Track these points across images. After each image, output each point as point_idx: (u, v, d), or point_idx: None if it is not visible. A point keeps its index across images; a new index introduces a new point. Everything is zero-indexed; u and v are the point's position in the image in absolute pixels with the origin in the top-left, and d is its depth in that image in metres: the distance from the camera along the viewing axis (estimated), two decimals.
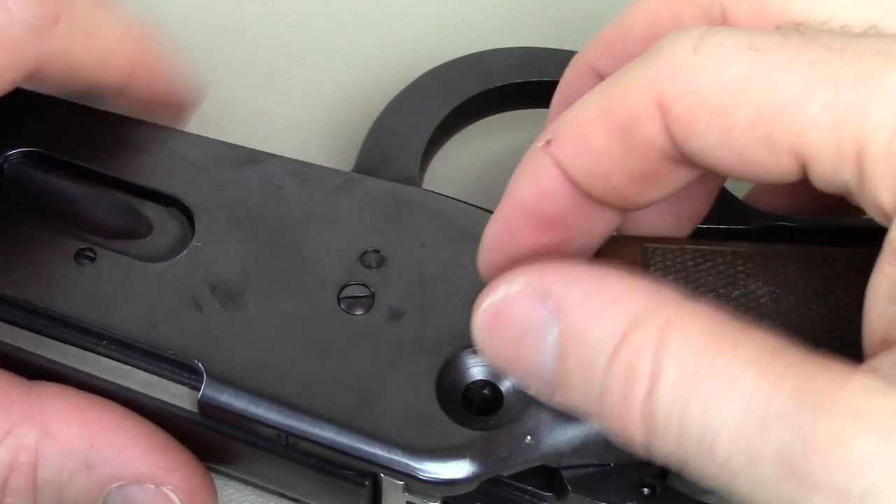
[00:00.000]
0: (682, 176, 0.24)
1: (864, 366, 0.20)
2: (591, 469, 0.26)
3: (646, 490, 0.26)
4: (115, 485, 0.26)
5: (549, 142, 0.24)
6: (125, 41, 0.31)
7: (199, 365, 0.26)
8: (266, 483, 0.29)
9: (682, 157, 0.23)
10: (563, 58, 0.34)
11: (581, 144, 0.23)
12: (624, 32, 0.27)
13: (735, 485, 0.21)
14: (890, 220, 0.21)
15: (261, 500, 0.30)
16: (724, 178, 0.28)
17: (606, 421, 0.23)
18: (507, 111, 0.35)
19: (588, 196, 0.24)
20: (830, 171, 0.21)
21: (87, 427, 0.26)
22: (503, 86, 0.33)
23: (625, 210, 0.25)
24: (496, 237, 0.25)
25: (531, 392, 0.24)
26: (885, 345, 0.21)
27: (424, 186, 0.32)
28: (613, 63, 0.26)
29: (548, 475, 0.27)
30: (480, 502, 0.28)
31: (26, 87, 0.29)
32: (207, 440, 0.27)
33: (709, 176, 0.25)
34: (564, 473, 0.26)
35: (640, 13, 0.27)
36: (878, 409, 0.19)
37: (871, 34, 0.22)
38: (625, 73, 0.23)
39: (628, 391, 0.22)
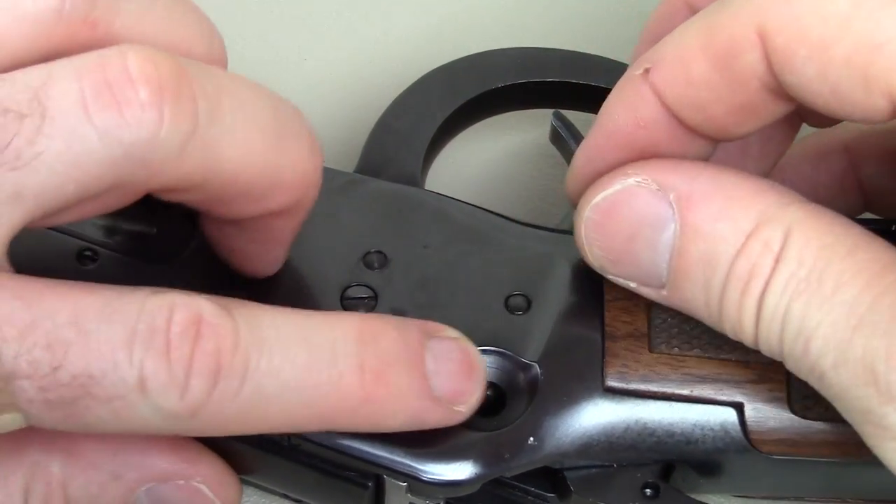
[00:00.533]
0: (779, 108, 0.24)
1: None
2: (593, 470, 0.26)
3: (648, 491, 0.26)
4: (143, 488, 0.26)
5: (647, 70, 0.24)
6: (263, 163, 0.24)
7: None
8: (269, 484, 0.29)
9: (779, 89, 0.23)
10: (565, 58, 0.34)
11: (681, 74, 0.24)
12: None
13: (822, 387, 0.22)
14: None
15: (263, 500, 0.30)
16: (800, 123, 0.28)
17: (722, 315, 0.24)
18: (509, 111, 0.35)
19: (683, 126, 0.24)
20: None
21: (106, 438, 0.26)
22: (505, 86, 0.33)
23: (717, 141, 0.25)
24: (587, 163, 0.26)
25: (632, 288, 0.25)
26: None
27: (426, 187, 0.32)
28: None
29: (551, 476, 0.27)
30: (483, 503, 0.28)
31: None
32: (210, 441, 0.27)
33: (793, 115, 0.25)
34: (567, 474, 0.26)
35: None
36: None
37: None
38: (726, 3, 0.23)
39: (749, 286, 0.23)
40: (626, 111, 0.25)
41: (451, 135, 0.34)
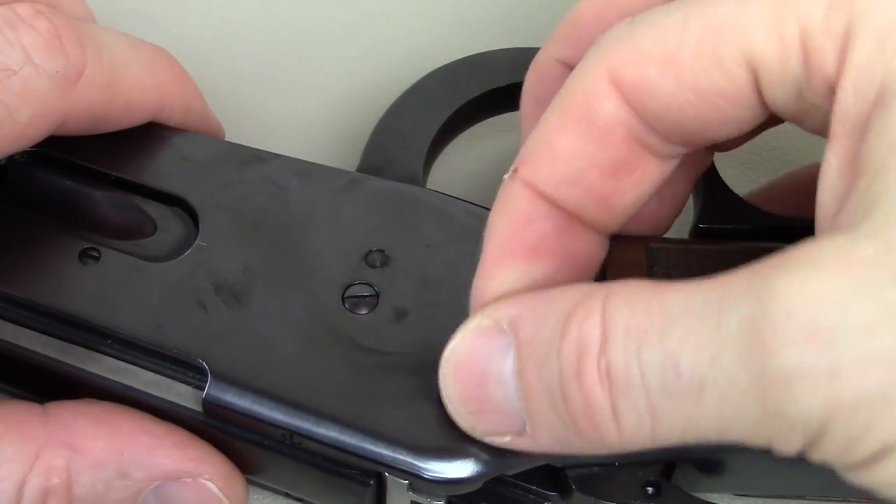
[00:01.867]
0: (654, 169, 0.24)
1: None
2: (595, 468, 0.26)
3: (650, 489, 0.26)
4: (150, 487, 0.26)
5: (515, 170, 0.24)
6: (150, 82, 0.29)
7: (204, 364, 0.26)
8: (270, 482, 0.29)
9: (647, 138, 0.23)
10: None
11: (547, 154, 0.24)
12: (577, 19, 0.27)
13: (705, 405, 0.20)
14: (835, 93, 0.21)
15: (266, 499, 0.30)
16: (699, 169, 0.28)
17: (568, 403, 0.22)
18: (510, 111, 0.35)
19: (568, 214, 0.24)
20: (778, 68, 0.21)
21: (112, 437, 0.26)
22: (507, 86, 0.33)
23: (607, 231, 0.25)
24: (486, 279, 0.25)
25: (506, 444, 0.24)
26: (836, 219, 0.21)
27: (428, 186, 0.32)
28: (573, 49, 0.27)
29: (552, 474, 0.27)
30: (485, 502, 0.28)
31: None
32: (212, 440, 0.27)
33: (684, 166, 0.25)
34: (569, 473, 0.26)
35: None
36: (833, 248, 0.19)
37: None
38: (573, 73, 0.24)
39: (583, 357, 0.21)
40: (507, 215, 0.24)
41: (452, 134, 0.34)
